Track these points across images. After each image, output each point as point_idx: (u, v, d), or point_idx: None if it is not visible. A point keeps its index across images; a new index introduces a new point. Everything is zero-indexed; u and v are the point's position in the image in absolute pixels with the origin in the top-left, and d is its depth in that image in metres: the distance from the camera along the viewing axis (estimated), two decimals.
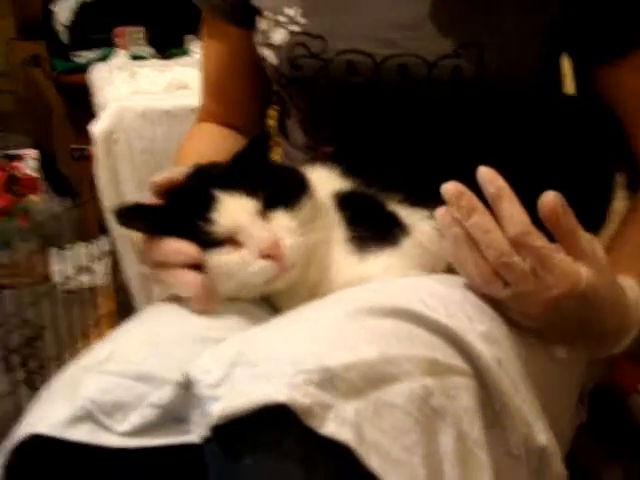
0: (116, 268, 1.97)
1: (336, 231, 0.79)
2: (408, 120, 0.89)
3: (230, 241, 0.75)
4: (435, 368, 0.65)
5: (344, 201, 0.81)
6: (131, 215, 0.78)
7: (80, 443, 0.65)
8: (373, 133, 0.91)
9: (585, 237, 0.73)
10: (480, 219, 0.70)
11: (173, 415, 0.65)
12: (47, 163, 3.35)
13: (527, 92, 0.92)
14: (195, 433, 0.63)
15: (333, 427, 0.58)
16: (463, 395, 0.65)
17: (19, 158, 3.32)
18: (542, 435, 0.70)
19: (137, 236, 0.79)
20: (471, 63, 0.88)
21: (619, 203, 0.89)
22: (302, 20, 0.93)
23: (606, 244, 0.87)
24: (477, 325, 0.70)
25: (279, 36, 0.94)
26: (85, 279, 1.85)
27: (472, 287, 0.74)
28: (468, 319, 0.70)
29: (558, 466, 0.71)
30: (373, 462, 0.58)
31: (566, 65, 0.99)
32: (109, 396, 0.65)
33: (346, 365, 0.61)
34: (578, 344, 0.79)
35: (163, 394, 0.65)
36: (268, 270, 0.74)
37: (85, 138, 3.32)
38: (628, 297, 0.79)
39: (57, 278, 2.31)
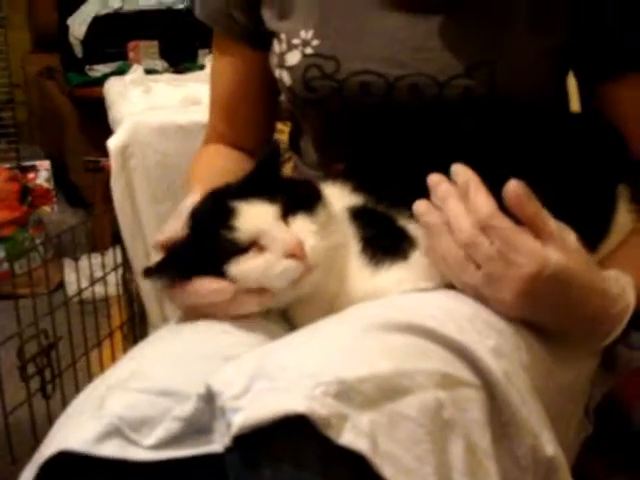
0: (129, 279, 1.99)
1: (351, 244, 0.81)
2: (419, 138, 0.91)
3: (254, 247, 0.77)
4: (446, 381, 0.66)
5: (356, 216, 0.83)
6: (161, 270, 0.80)
7: (108, 459, 0.66)
8: (384, 151, 0.93)
9: (554, 223, 0.75)
10: (452, 204, 0.76)
11: (196, 427, 0.66)
12: (60, 174, 3.38)
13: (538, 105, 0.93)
14: (219, 443, 0.64)
15: (349, 437, 0.60)
16: (473, 407, 0.67)
17: (32, 169, 3.36)
18: (549, 446, 0.71)
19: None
20: (482, 83, 0.90)
21: (622, 215, 0.89)
22: (315, 42, 0.95)
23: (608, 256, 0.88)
24: (486, 340, 0.72)
25: (293, 58, 0.96)
26: (98, 290, 1.87)
27: (469, 295, 0.77)
28: (477, 334, 0.72)
29: (565, 477, 0.73)
30: (387, 471, 0.60)
31: (572, 84, 1.01)
32: (135, 412, 0.67)
33: (361, 378, 0.63)
34: (570, 333, 0.80)
35: (186, 407, 0.66)
36: (293, 270, 0.76)
37: (99, 150, 3.34)
38: (609, 284, 0.80)
39: (70, 289, 2.33)
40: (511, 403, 0.69)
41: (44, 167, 3.38)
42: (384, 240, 0.81)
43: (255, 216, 0.77)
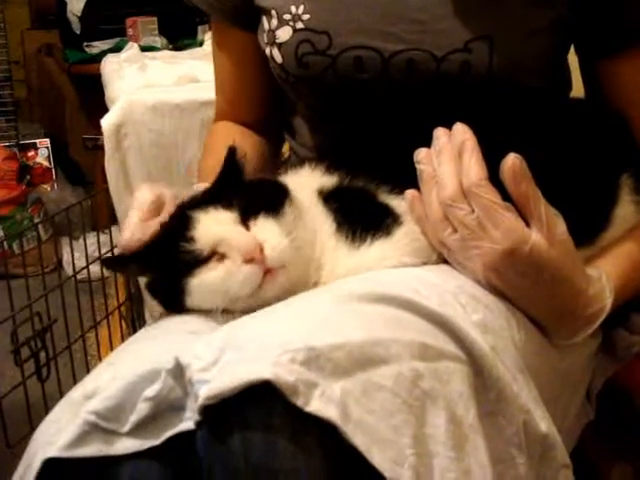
0: None
1: (326, 228, 0.79)
2: (415, 115, 0.88)
3: (214, 256, 0.75)
4: (425, 352, 0.65)
5: (333, 196, 0.81)
6: (119, 263, 0.82)
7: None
8: (379, 129, 0.91)
9: (545, 208, 0.74)
10: (444, 160, 0.75)
11: (168, 405, 0.65)
12: (59, 152, 3.36)
13: (536, 88, 0.91)
14: (191, 420, 0.63)
15: (318, 404, 0.59)
16: (456, 380, 0.66)
17: (32, 147, 3.34)
18: (543, 423, 0.70)
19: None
20: (480, 57, 0.87)
21: (624, 206, 0.86)
22: (305, 16, 0.92)
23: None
24: (471, 314, 0.71)
25: (284, 34, 0.94)
26: (96, 269, 1.85)
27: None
28: (462, 307, 0.71)
29: (562, 455, 0.72)
30: (358, 440, 0.59)
31: (574, 62, 0.99)
32: (109, 402, 0.65)
33: (332, 345, 0.62)
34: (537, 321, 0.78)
35: (156, 386, 0.65)
36: (254, 276, 0.73)
37: (98, 128, 3.33)
38: (587, 283, 0.78)
39: (68, 268, 2.32)
40: (500, 379, 0.68)
41: (44, 145, 3.36)
42: (365, 217, 0.79)
43: (213, 224, 0.75)
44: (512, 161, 0.73)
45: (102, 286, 1.76)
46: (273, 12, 0.95)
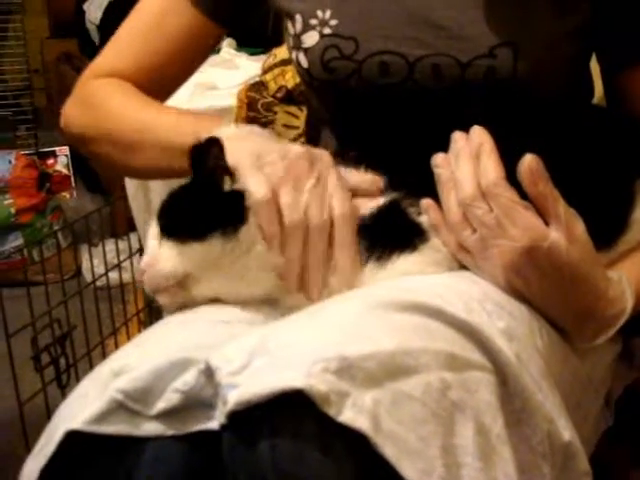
0: None
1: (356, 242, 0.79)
2: (438, 120, 0.89)
3: None
4: (453, 362, 0.65)
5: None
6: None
7: (114, 436, 0.66)
8: (404, 135, 0.91)
9: (564, 208, 0.74)
10: (462, 162, 0.76)
11: (197, 401, 0.65)
12: (78, 160, 3.38)
13: (558, 95, 0.92)
14: (217, 420, 0.63)
15: (350, 415, 0.59)
16: (484, 390, 0.66)
17: (52, 155, 3.36)
18: (566, 432, 0.69)
19: None
20: (505, 64, 0.88)
21: None
22: (333, 22, 0.92)
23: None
24: (497, 321, 0.70)
25: (310, 39, 0.94)
26: (115, 276, 1.86)
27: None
28: (487, 315, 0.70)
29: (583, 463, 0.71)
30: (389, 451, 0.59)
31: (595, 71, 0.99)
32: (137, 383, 0.66)
33: (364, 355, 0.62)
34: (556, 323, 0.78)
35: (187, 380, 0.65)
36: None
37: None
38: (608, 285, 0.77)
39: (87, 275, 2.33)
40: (525, 388, 0.68)
41: (63, 153, 3.39)
42: (392, 232, 0.79)
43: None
44: (529, 161, 0.73)
45: (121, 293, 1.77)
46: (298, 17, 0.95)
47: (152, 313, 1.79)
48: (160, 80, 1.04)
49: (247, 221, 0.77)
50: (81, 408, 0.67)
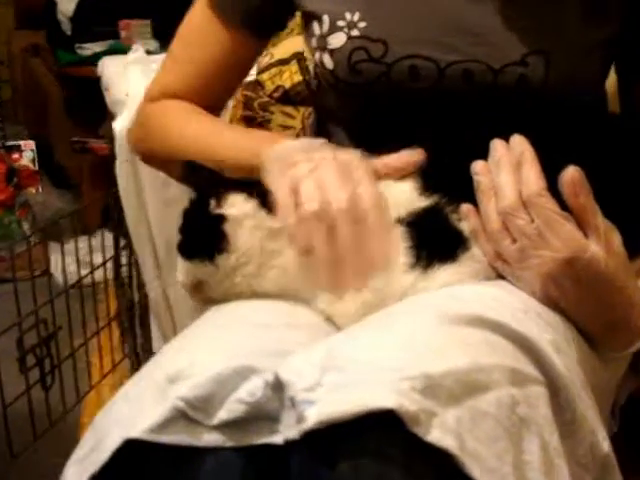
0: (117, 262, 1.94)
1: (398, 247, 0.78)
2: (466, 127, 0.88)
3: None
4: (516, 377, 0.65)
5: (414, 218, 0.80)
6: None
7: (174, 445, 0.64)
8: (429, 139, 0.89)
9: (602, 221, 0.75)
10: (504, 171, 0.76)
11: (261, 414, 0.64)
12: (43, 155, 3.32)
13: (586, 104, 0.92)
14: (282, 434, 0.62)
15: (437, 434, 0.58)
16: (542, 404, 0.66)
17: (17, 149, 3.29)
18: (605, 443, 0.70)
19: None
20: (537, 72, 0.88)
21: None
22: (362, 24, 0.91)
23: None
24: (543, 333, 0.71)
25: (337, 40, 0.92)
26: (85, 273, 1.83)
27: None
28: (536, 326, 0.71)
29: (618, 476, 0.72)
30: (475, 471, 0.59)
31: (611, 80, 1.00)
32: (199, 391, 0.64)
33: (443, 373, 0.61)
34: (589, 333, 0.78)
35: (252, 390, 0.64)
36: None
37: (84, 131, 3.30)
38: None
39: (56, 272, 2.28)
40: (573, 400, 0.68)
41: (29, 147, 3.31)
42: (434, 241, 0.79)
43: None
44: (572, 173, 0.73)
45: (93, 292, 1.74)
46: (325, 17, 0.93)
47: (134, 315, 1.76)
48: (211, 96, 1.06)
49: (226, 248, 0.79)
50: (137, 414, 0.65)
